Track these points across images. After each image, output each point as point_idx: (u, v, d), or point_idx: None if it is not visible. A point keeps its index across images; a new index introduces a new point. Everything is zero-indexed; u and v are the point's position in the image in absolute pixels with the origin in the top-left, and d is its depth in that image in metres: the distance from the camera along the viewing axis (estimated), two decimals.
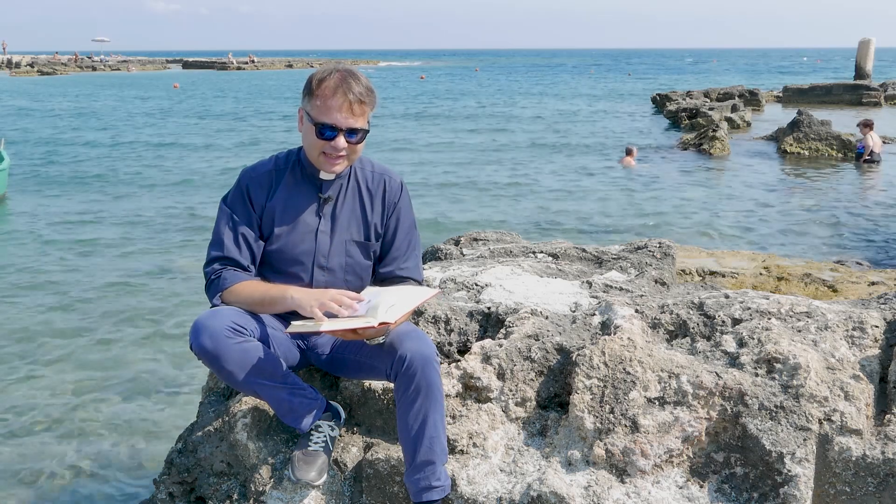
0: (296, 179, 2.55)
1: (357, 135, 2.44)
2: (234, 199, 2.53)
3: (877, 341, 2.58)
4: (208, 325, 2.27)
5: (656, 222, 10.78)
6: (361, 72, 2.50)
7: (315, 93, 2.41)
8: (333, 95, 2.39)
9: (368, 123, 2.49)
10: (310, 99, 2.44)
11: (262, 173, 2.54)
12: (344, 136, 2.42)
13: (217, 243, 2.49)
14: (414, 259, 2.67)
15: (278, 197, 2.52)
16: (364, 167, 2.62)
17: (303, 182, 2.55)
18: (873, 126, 15.41)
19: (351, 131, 2.42)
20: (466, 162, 16.99)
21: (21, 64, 73.98)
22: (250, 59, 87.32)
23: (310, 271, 2.55)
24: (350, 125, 2.41)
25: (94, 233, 10.54)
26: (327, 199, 2.54)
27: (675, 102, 25.08)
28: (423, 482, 2.37)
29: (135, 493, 4.08)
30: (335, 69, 2.45)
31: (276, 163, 2.57)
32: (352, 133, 2.43)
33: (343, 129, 2.41)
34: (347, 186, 2.58)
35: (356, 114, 2.41)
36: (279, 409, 2.50)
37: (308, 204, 2.54)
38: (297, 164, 2.56)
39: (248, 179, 2.53)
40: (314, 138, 2.43)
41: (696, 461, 2.40)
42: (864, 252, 8.55)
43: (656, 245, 3.87)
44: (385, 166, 2.68)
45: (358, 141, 2.46)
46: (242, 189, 2.52)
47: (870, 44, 32.00)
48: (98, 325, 6.79)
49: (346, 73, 2.43)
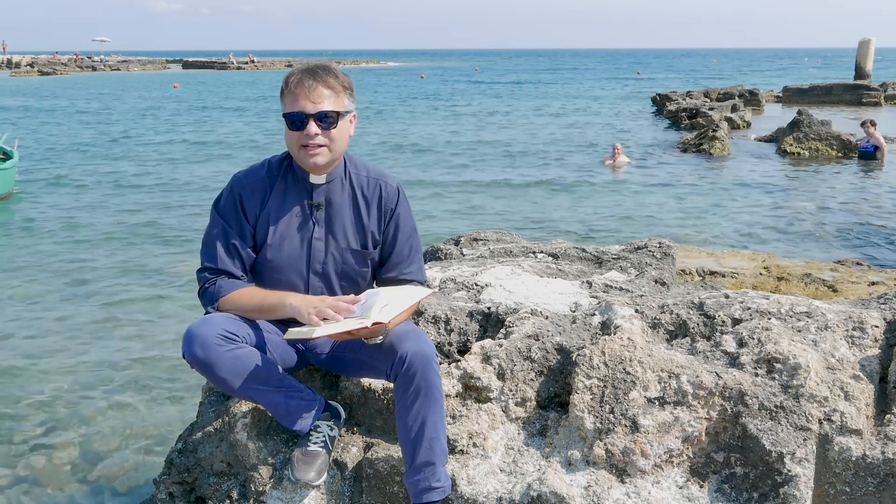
0: (288, 186, 2.51)
1: (329, 118, 2.38)
2: (226, 207, 2.49)
3: (877, 341, 2.58)
4: (199, 333, 2.27)
5: (656, 222, 10.78)
6: (344, 69, 2.49)
7: (284, 91, 2.41)
8: (298, 85, 2.37)
9: (345, 107, 2.42)
10: (282, 98, 2.43)
11: (255, 180, 2.50)
12: (315, 122, 2.37)
13: (209, 252, 2.46)
14: (417, 262, 2.65)
15: (271, 204, 2.49)
16: (359, 172, 2.58)
17: (295, 188, 2.51)
18: (876, 125, 15.44)
19: (321, 115, 2.37)
20: (462, 161, 16.99)
21: (21, 64, 73.99)
22: (250, 60, 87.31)
23: (305, 278, 2.53)
24: (319, 109, 2.36)
25: (99, 231, 10.53)
26: (319, 204, 2.51)
27: (675, 102, 25.08)
28: (423, 483, 2.36)
29: (135, 493, 4.08)
30: (305, 65, 2.44)
31: (268, 169, 2.53)
32: (323, 117, 2.37)
33: (312, 114, 2.36)
34: (342, 192, 2.54)
35: (324, 98, 2.37)
36: (276, 412, 2.50)
37: (301, 210, 2.51)
38: (288, 169, 2.52)
39: (240, 187, 2.49)
40: (289, 132, 2.41)
41: (696, 461, 2.40)
42: (864, 252, 8.55)
43: (656, 245, 3.87)
44: (381, 170, 2.64)
45: (331, 125, 2.39)
46: (235, 197, 2.48)
47: (870, 44, 32.00)
48: (98, 324, 6.78)
49: (314, 65, 2.42)
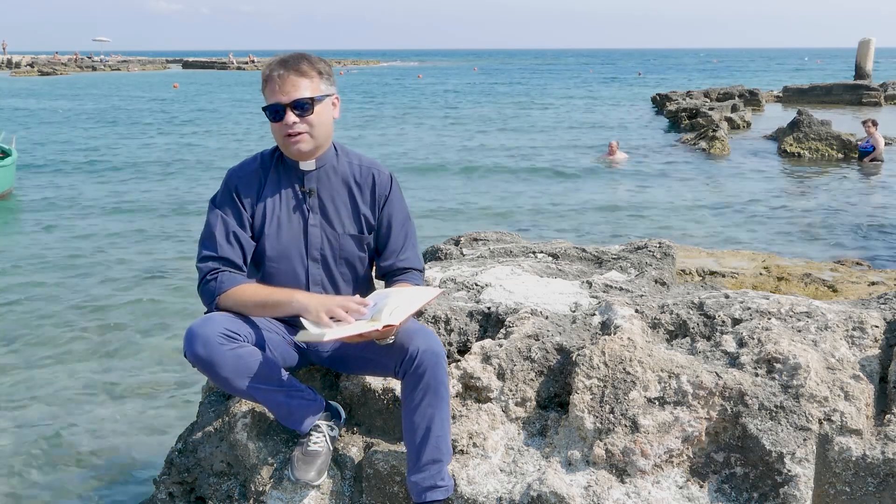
0: (280, 176, 2.53)
1: (305, 105, 2.38)
2: (224, 199, 2.49)
3: (877, 341, 2.58)
4: (201, 332, 2.26)
5: (656, 222, 10.78)
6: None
7: (263, 84, 2.42)
8: (270, 77, 2.39)
9: (321, 92, 2.42)
10: (263, 92, 2.44)
11: (249, 172, 2.52)
12: (291, 111, 2.37)
13: (209, 241, 2.45)
14: (412, 249, 2.65)
15: (266, 195, 2.50)
16: (351, 161, 2.60)
17: (287, 177, 2.53)
18: (878, 125, 15.43)
19: (297, 104, 2.37)
20: (459, 159, 16.99)
21: (21, 64, 73.97)
22: (250, 60, 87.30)
23: (305, 265, 2.53)
24: (294, 98, 2.36)
25: (99, 229, 10.55)
26: (311, 190, 2.52)
27: (675, 102, 25.08)
28: (429, 481, 2.36)
29: (135, 493, 4.08)
30: (280, 56, 2.45)
31: (261, 161, 2.55)
32: (298, 105, 2.37)
33: (287, 104, 2.37)
34: (335, 178, 2.56)
35: (298, 86, 2.37)
36: (277, 412, 2.49)
37: (295, 199, 2.52)
38: (279, 160, 2.54)
39: (235, 179, 2.51)
40: (272, 125, 2.43)
41: (696, 461, 2.40)
42: (864, 252, 8.55)
43: (656, 245, 3.87)
44: (373, 160, 2.65)
45: (308, 111, 2.39)
46: (231, 189, 2.49)
47: (870, 44, 32.01)
48: (99, 324, 6.78)
49: (287, 55, 2.43)
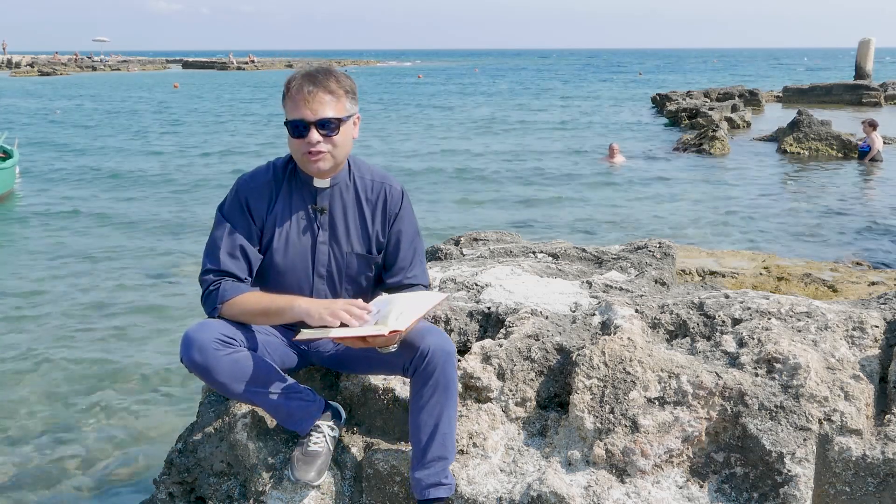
0: (292, 189, 2.49)
1: (331, 125, 2.35)
2: (232, 209, 2.46)
3: (877, 341, 2.58)
4: (197, 338, 2.25)
5: (656, 222, 10.78)
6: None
7: (286, 95, 2.38)
8: (299, 91, 2.34)
9: (347, 112, 2.39)
10: (283, 103, 2.40)
11: (261, 184, 2.48)
12: (316, 129, 2.34)
13: (213, 255, 2.42)
14: (419, 266, 2.63)
15: (277, 209, 2.47)
16: (363, 175, 2.56)
17: (299, 192, 2.50)
18: (877, 126, 15.42)
19: (323, 123, 2.34)
20: (460, 161, 16.99)
21: (21, 64, 74.00)
22: (250, 60, 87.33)
23: (310, 282, 2.52)
24: (320, 116, 2.33)
25: (100, 230, 10.54)
26: (322, 209, 2.50)
27: (675, 102, 25.06)
28: (433, 478, 2.35)
29: (135, 493, 4.08)
30: (306, 68, 2.41)
31: (274, 172, 2.50)
32: (324, 124, 2.35)
33: (313, 122, 2.33)
34: (346, 196, 2.53)
35: (325, 104, 2.33)
36: (277, 415, 2.49)
37: (306, 214, 2.49)
38: (293, 173, 2.50)
39: (246, 190, 2.47)
40: (291, 139, 2.39)
41: (696, 461, 2.40)
42: (864, 252, 8.55)
43: (656, 245, 3.87)
44: (385, 173, 2.62)
45: (333, 131, 2.36)
46: (241, 200, 2.46)
47: (870, 44, 31.99)
48: (99, 325, 6.79)
49: (315, 69, 2.40)
